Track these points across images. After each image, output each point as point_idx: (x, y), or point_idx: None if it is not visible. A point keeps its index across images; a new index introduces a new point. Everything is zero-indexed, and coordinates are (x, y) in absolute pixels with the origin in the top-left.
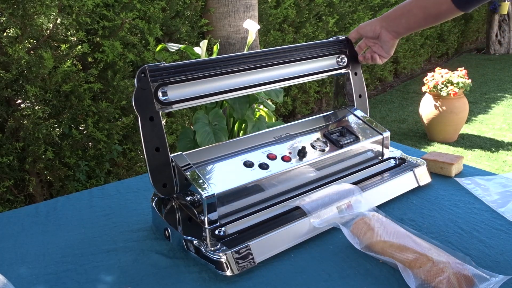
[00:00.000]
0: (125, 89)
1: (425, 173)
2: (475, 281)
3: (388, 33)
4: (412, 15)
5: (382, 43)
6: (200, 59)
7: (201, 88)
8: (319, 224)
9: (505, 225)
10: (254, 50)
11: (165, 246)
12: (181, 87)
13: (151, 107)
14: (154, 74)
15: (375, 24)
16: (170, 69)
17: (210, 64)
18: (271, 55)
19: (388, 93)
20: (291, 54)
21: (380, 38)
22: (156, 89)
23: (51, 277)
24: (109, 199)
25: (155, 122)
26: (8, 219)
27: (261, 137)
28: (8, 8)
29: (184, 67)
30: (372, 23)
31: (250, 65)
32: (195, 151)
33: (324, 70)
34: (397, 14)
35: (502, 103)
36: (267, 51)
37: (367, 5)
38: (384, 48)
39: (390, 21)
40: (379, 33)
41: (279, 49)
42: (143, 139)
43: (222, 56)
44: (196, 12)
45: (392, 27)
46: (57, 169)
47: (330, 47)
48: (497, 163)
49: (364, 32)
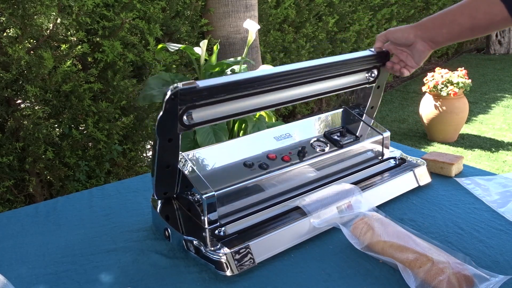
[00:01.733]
0: (125, 89)
1: (425, 173)
2: (475, 281)
3: (424, 43)
4: (456, 25)
5: (414, 52)
6: (236, 78)
7: (229, 108)
8: (319, 224)
9: (505, 225)
10: (290, 67)
11: (165, 246)
12: (209, 109)
13: (173, 130)
14: (185, 97)
15: (408, 31)
16: (203, 92)
17: (246, 84)
18: (307, 72)
19: (388, 93)
20: (326, 70)
21: (414, 47)
22: (182, 112)
23: (51, 277)
24: (109, 199)
25: (173, 143)
26: (8, 219)
27: (261, 137)
28: (8, 8)
29: (218, 89)
30: (404, 30)
31: (282, 84)
32: (195, 151)
33: (353, 85)
34: (437, 23)
35: (502, 103)
36: (303, 68)
37: (367, 5)
38: (414, 57)
39: (428, 30)
40: (412, 41)
41: (316, 66)
42: (157, 157)
43: (258, 75)
44: (196, 12)
45: (429, 36)
46: (57, 169)
47: (366, 62)
48: (497, 163)
49: (394, 38)
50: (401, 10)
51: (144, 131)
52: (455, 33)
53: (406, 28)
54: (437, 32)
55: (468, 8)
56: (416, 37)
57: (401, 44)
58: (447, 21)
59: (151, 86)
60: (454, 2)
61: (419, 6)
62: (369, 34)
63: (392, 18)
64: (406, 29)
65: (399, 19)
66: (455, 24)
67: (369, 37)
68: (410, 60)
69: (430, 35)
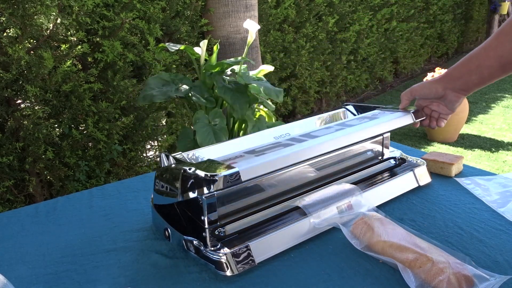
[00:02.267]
0: (125, 89)
1: (425, 173)
2: (475, 281)
3: (455, 93)
4: (485, 69)
5: (447, 102)
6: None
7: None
8: (319, 224)
9: (505, 225)
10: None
11: (165, 246)
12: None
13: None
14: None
15: (436, 86)
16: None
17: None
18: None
19: (388, 93)
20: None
21: (445, 99)
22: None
23: (51, 277)
24: (109, 199)
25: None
26: (8, 219)
27: (261, 137)
28: (8, 8)
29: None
30: (430, 85)
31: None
32: (195, 151)
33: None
34: (464, 72)
35: (502, 103)
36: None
37: (367, 5)
38: (448, 106)
39: (456, 80)
40: (443, 94)
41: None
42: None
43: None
44: (196, 12)
45: (460, 86)
46: (57, 169)
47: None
48: (497, 163)
49: (421, 95)
50: (401, 10)
51: (144, 131)
52: (486, 77)
53: (432, 84)
54: (467, 80)
55: (493, 50)
56: (446, 89)
57: (432, 98)
58: (474, 68)
59: (151, 86)
60: (454, 1)
61: (419, 6)
62: (369, 34)
63: (392, 18)
64: (433, 84)
65: (399, 19)
66: (483, 68)
67: (369, 37)
68: (444, 108)
69: (460, 85)
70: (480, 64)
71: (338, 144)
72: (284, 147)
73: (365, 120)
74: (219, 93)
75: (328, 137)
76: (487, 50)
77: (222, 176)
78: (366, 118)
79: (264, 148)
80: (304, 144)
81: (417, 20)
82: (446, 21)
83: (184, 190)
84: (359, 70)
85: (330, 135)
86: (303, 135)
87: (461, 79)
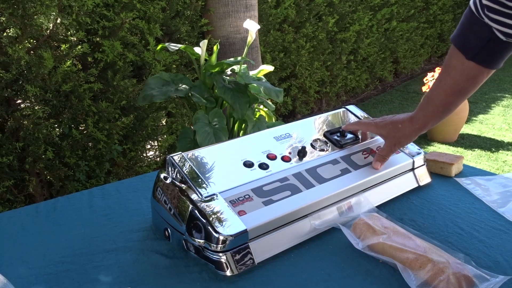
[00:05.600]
0: (125, 89)
1: (425, 173)
2: (475, 281)
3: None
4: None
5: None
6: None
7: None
8: (319, 225)
9: (505, 225)
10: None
11: (165, 246)
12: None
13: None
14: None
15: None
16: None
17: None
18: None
19: (388, 93)
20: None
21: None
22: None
23: (51, 277)
24: (109, 199)
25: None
26: (8, 219)
27: (261, 137)
28: (8, 8)
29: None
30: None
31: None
32: (195, 151)
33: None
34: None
35: (502, 103)
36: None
37: (367, 5)
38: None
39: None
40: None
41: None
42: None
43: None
44: (196, 12)
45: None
46: (57, 169)
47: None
48: (497, 163)
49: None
50: (401, 10)
51: (144, 131)
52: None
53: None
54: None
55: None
56: (414, 131)
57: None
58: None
59: (151, 86)
60: (454, 1)
61: (419, 6)
62: (369, 34)
63: (392, 18)
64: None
65: (399, 19)
66: (452, 107)
67: (369, 37)
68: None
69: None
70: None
71: (349, 193)
72: (292, 193)
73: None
74: (219, 93)
75: (339, 185)
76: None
77: (231, 237)
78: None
79: (271, 188)
80: (312, 195)
81: (417, 20)
82: (446, 21)
83: (189, 230)
84: (359, 70)
85: (340, 182)
86: (310, 171)
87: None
